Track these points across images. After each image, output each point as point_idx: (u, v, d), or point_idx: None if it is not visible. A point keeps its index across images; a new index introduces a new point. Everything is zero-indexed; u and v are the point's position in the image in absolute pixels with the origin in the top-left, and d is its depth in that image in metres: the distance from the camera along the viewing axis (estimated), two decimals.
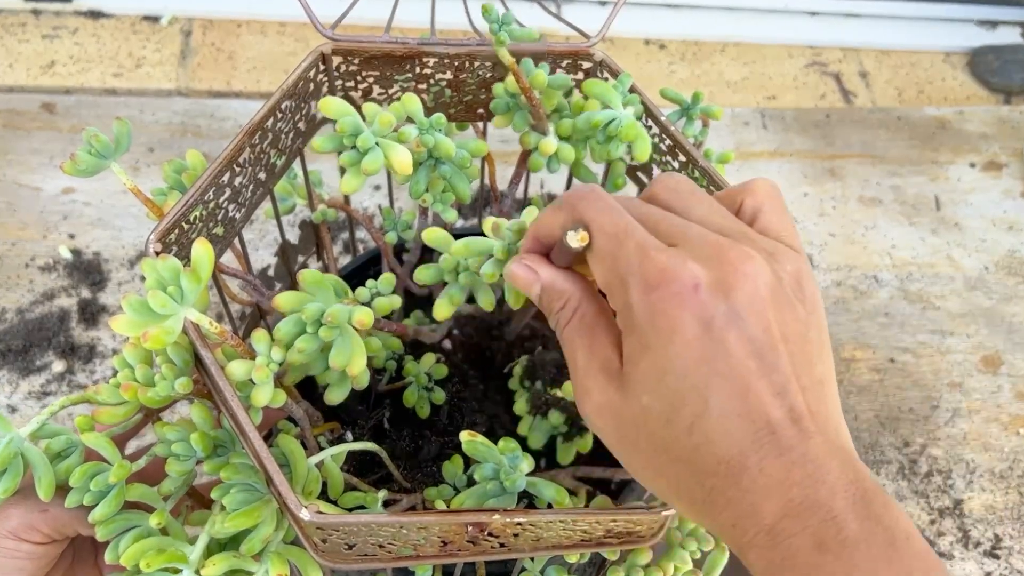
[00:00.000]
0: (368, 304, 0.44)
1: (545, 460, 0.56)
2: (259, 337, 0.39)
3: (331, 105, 0.42)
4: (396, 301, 0.44)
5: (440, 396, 0.54)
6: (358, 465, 0.53)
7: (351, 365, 0.39)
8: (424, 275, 0.42)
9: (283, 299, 0.40)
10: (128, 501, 0.40)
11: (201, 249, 0.37)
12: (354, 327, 0.40)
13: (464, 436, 0.42)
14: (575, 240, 0.31)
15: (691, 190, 0.34)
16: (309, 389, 0.50)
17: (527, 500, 0.44)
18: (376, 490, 0.45)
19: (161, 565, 0.38)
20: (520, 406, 0.55)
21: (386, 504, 0.45)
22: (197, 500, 0.45)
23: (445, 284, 0.43)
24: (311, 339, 0.39)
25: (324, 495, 0.44)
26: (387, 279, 0.45)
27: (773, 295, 0.30)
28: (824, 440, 0.29)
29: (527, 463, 0.42)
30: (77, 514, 0.39)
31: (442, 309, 0.41)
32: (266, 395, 0.39)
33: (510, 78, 0.47)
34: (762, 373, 0.29)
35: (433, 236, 0.42)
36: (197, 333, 0.38)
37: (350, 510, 0.44)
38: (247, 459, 0.40)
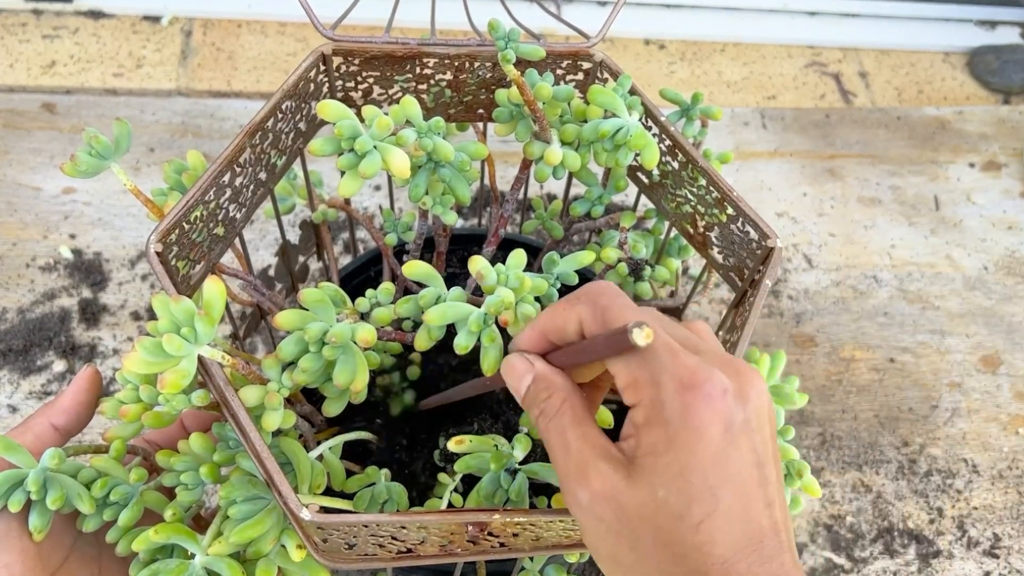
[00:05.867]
0: (368, 314, 0.44)
1: (541, 449, 0.56)
2: (269, 363, 0.39)
3: (329, 108, 0.42)
4: (395, 310, 0.44)
5: None
6: (355, 459, 0.53)
7: (355, 383, 0.39)
8: (404, 309, 0.42)
9: (284, 318, 0.39)
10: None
11: (213, 288, 0.36)
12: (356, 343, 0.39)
13: (451, 445, 0.42)
14: (642, 337, 0.30)
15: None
16: (311, 390, 0.51)
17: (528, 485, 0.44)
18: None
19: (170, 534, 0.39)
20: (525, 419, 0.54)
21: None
22: None
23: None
24: (315, 359, 0.39)
25: (328, 487, 0.44)
26: (386, 289, 0.45)
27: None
28: (791, 556, 0.31)
29: (521, 447, 0.42)
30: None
31: (421, 341, 0.41)
32: (277, 420, 0.39)
33: (513, 89, 0.46)
34: (759, 483, 0.31)
35: (413, 271, 0.41)
36: (210, 366, 0.38)
37: (355, 493, 0.44)
38: (251, 464, 0.41)
